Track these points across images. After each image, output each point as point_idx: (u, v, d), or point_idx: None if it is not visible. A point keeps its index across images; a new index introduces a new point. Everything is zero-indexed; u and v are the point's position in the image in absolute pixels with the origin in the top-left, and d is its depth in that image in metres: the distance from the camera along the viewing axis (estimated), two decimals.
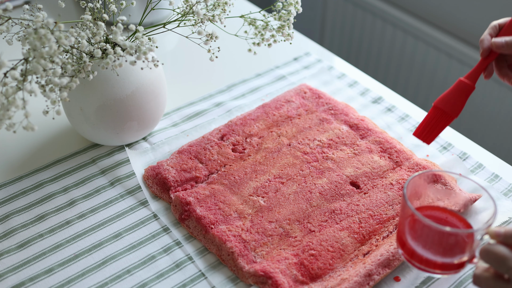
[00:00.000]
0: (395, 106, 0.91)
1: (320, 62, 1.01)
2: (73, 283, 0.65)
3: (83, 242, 0.70)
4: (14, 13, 1.00)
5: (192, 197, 0.73)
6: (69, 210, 0.74)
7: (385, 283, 0.66)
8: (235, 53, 1.01)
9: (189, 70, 1.00)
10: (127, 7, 0.93)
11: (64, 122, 0.87)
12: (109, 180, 0.78)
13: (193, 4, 0.72)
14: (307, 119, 0.85)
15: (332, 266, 0.66)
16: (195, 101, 0.92)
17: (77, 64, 0.68)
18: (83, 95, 0.74)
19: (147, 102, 0.78)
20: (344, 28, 1.73)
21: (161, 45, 1.00)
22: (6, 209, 0.74)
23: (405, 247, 0.61)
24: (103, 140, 0.80)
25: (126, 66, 0.74)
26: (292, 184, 0.75)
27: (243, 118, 0.85)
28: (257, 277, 0.64)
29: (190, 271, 0.67)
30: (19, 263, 0.67)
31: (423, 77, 1.55)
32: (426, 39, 1.49)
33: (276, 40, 0.76)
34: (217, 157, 0.79)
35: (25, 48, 0.62)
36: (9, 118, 0.59)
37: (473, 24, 1.41)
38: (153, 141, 0.84)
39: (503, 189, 0.77)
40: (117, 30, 0.67)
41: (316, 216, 0.71)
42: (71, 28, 0.67)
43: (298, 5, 0.75)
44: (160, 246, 0.70)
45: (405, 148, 0.80)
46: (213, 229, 0.69)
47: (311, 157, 0.79)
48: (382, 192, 0.74)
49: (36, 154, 0.82)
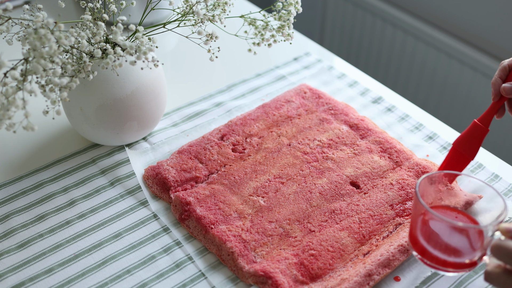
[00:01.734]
0: (395, 106, 0.91)
1: (320, 62, 1.01)
2: (73, 283, 0.65)
3: (83, 242, 0.70)
4: (14, 13, 1.00)
5: (192, 197, 0.73)
6: (69, 210, 0.74)
7: (385, 283, 0.66)
8: (235, 53, 1.01)
9: (189, 70, 1.00)
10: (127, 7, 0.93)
11: (64, 122, 0.87)
12: (109, 180, 0.78)
13: (193, 4, 0.72)
14: (307, 119, 0.85)
15: (332, 266, 0.66)
16: (195, 101, 0.92)
17: (77, 64, 0.68)
18: (83, 95, 0.74)
19: (147, 102, 0.78)
20: (344, 28, 1.73)
21: (161, 45, 1.00)
22: (6, 209, 0.74)
23: (417, 245, 0.62)
24: (103, 140, 0.80)
25: (126, 66, 0.74)
26: (292, 184, 0.75)
27: (243, 118, 0.85)
28: (257, 277, 0.64)
29: (190, 271, 0.67)
30: (19, 263, 0.67)
31: (423, 77, 1.55)
32: (426, 39, 1.49)
33: (276, 40, 0.76)
34: (217, 157, 0.79)
35: (25, 48, 0.62)
36: (9, 118, 0.59)
37: (473, 24, 1.41)
38: (153, 141, 0.84)
39: (503, 189, 0.77)
40: (117, 30, 0.67)
41: (316, 216, 0.71)
42: (71, 28, 0.67)
43: (298, 5, 0.75)
44: (160, 246, 0.70)
45: (405, 148, 0.80)
46: (213, 229, 0.69)
47: (311, 157, 0.79)
48: (382, 192, 0.74)
49: (36, 154, 0.82)
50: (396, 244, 0.66)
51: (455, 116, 1.51)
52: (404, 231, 0.68)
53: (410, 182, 0.75)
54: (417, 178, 0.75)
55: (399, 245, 0.66)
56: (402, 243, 0.66)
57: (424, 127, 0.87)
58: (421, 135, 0.86)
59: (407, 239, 0.67)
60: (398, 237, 0.68)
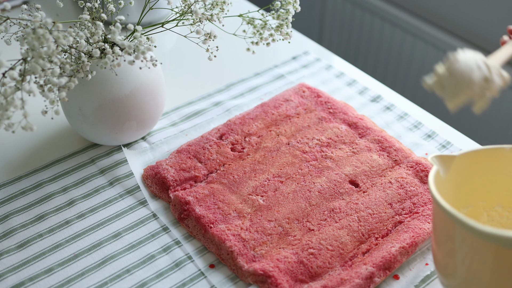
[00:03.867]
0: (394, 105, 0.91)
1: (318, 61, 1.01)
2: (72, 283, 0.65)
3: (82, 242, 0.70)
4: (12, 13, 1.00)
5: (191, 196, 0.73)
6: (69, 210, 0.74)
7: (384, 281, 0.66)
8: (233, 53, 1.01)
9: (188, 69, 1.00)
10: (125, 7, 0.93)
11: (63, 122, 0.87)
12: (108, 180, 0.78)
13: (191, 3, 0.72)
14: (306, 118, 0.85)
15: (331, 265, 0.66)
16: (194, 101, 0.92)
17: (76, 64, 0.68)
18: (81, 95, 0.74)
19: (146, 102, 0.78)
20: (343, 27, 1.73)
21: (159, 45, 1.00)
22: (5, 209, 0.74)
23: None
24: (102, 140, 0.80)
25: (125, 65, 0.74)
26: (291, 183, 0.75)
27: (242, 118, 0.85)
28: (256, 276, 0.64)
29: (190, 270, 0.67)
30: (19, 263, 0.67)
31: (422, 75, 1.55)
32: (425, 37, 1.49)
33: (274, 39, 0.76)
34: (216, 156, 0.79)
35: (23, 48, 0.62)
36: (8, 118, 0.59)
37: (472, 23, 1.41)
38: (152, 140, 0.84)
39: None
40: (116, 29, 0.67)
41: (315, 215, 0.71)
42: (70, 28, 0.67)
43: (296, 4, 0.75)
44: (160, 246, 0.70)
45: (404, 147, 0.81)
46: (213, 228, 0.69)
47: (310, 156, 0.79)
48: (381, 190, 0.74)
49: (35, 154, 0.82)
50: (397, 246, 0.66)
51: (454, 115, 1.51)
52: (405, 232, 0.68)
53: (409, 180, 0.75)
54: (416, 176, 0.75)
55: (400, 247, 0.66)
56: (403, 245, 0.66)
57: (423, 126, 0.87)
58: (420, 133, 0.86)
59: (408, 241, 0.67)
60: (399, 238, 0.68)
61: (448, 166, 0.61)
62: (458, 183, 0.63)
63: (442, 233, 0.57)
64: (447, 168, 0.61)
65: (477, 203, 0.66)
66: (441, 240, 0.58)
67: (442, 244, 0.58)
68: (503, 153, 0.62)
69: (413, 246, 0.67)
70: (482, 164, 0.63)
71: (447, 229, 0.56)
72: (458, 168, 0.62)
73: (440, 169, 0.60)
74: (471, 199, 0.65)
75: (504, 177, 0.64)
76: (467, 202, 0.65)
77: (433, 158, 0.60)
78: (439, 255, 0.59)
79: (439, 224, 0.57)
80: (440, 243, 0.58)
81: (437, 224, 0.58)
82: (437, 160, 0.60)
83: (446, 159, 0.61)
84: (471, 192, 0.65)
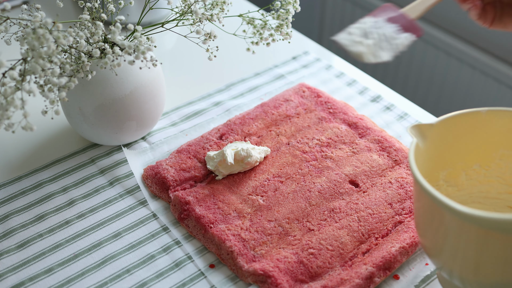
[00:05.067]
0: (394, 105, 0.91)
1: (318, 61, 1.01)
2: (72, 283, 0.65)
3: (82, 242, 0.70)
4: (12, 13, 1.00)
5: (191, 196, 0.73)
6: (69, 210, 0.74)
7: (384, 281, 0.66)
8: (233, 53, 1.01)
9: (188, 69, 1.00)
10: (125, 7, 0.93)
11: (63, 122, 0.87)
12: (108, 180, 0.78)
13: (191, 3, 0.72)
14: (306, 118, 0.85)
15: (331, 265, 0.66)
16: (194, 101, 0.92)
17: (76, 64, 0.68)
18: (81, 95, 0.74)
19: (146, 102, 0.78)
20: (343, 26, 1.72)
21: (159, 45, 1.00)
22: (5, 209, 0.74)
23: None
24: (102, 140, 0.80)
25: (125, 65, 0.74)
26: (291, 183, 0.75)
27: (242, 118, 0.85)
28: (256, 276, 0.64)
29: (190, 270, 0.67)
30: (19, 263, 0.67)
31: (422, 75, 1.55)
32: (425, 37, 1.49)
33: (274, 39, 0.76)
34: None
35: (23, 48, 0.62)
36: (8, 118, 0.59)
37: (472, 22, 1.41)
38: (152, 140, 0.84)
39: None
40: (116, 29, 0.67)
41: (315, 215, 0.71)
42: (70, 28, 0.67)
43: (296, 4, 0.75)
44: (160, 246, 0.70)
45: (404, 147, 0.80)
46: (213, 228, 0.69)
47: (310, 156, 0.79)
48: (381, 190, 0.74)
49: (35, 154, 0.82)
50: (397, 246, 0.66)
51: None
52: (406, 232, 0.68)
53: (409, 180, 0.75)
54: None
55: (400, 247, 0.66)
56: (403, 245, 0.66)
57: None
58: None
59: (408, 241, 0.67)
60: (399, 238, 0.67)
61: (427, 135, 0.62)
62: (437, 149, 0.64)
63: (425, 212, 0.58)
64: (425, 137, 0.62)
65: (456, 165, 0.67)
66: (423, 218, 0.59)
67: (424, 221, 0.59)
68: (479, 116, 0.64)
69: (413, 246, 0.67)
70: (459, 128, 0.64)
71: (429, 208, 0.57)
72: (436, 135, 0.63)
73: (419, 139, 0.61)
74: (450, 161, 0.67)
75: (481, 139, 0.65)
76: (446, 165, 0.66)
77: (411, 129, 0.61)
78: (422, 233, 0.61)
79: (421, 203, 0.59)
80: (421, 221, 0.60)
81: (419, 203, 0.59)
82: (415, 130, 0.61)
83: (424, 128, 0.62)
84: (450, 155, 0.66)
